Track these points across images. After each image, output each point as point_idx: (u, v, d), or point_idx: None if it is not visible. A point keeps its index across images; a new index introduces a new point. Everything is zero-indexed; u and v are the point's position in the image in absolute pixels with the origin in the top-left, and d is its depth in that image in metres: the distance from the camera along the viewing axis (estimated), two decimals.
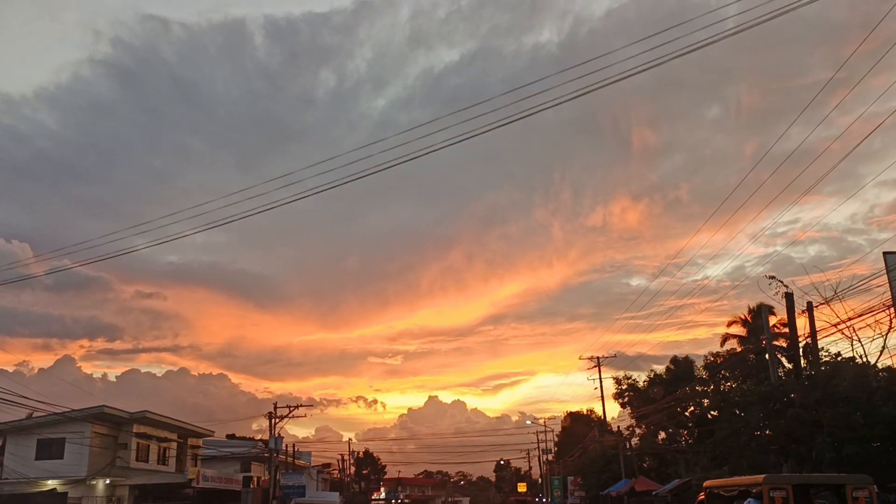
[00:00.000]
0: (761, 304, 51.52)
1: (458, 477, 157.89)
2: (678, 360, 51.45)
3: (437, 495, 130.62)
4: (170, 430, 41.77)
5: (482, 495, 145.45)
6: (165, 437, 41.22)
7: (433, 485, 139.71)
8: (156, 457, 40.43)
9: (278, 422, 46.87)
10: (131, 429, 37.63)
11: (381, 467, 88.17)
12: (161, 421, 40.03)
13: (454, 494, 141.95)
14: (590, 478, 47.18)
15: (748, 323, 49.97)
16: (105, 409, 35.76)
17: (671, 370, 51.11)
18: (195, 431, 45.32)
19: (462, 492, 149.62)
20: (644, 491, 37.27)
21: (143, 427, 38.51)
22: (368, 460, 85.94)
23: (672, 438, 51.37)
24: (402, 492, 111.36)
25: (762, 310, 50.93)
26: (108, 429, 36.85)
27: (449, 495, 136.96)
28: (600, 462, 46.35)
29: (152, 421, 38.99)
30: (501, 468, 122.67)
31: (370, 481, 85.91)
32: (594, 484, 46.29)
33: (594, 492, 46.38)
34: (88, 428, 35.08)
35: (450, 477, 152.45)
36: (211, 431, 47.33)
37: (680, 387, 48.98)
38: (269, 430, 46.77)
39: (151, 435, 39.65)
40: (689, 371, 50.65)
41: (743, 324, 50.22)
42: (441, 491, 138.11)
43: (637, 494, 37.73)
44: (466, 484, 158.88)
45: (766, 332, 27.72)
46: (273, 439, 45.59)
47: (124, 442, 37.53)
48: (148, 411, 38.44)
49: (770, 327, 50.16)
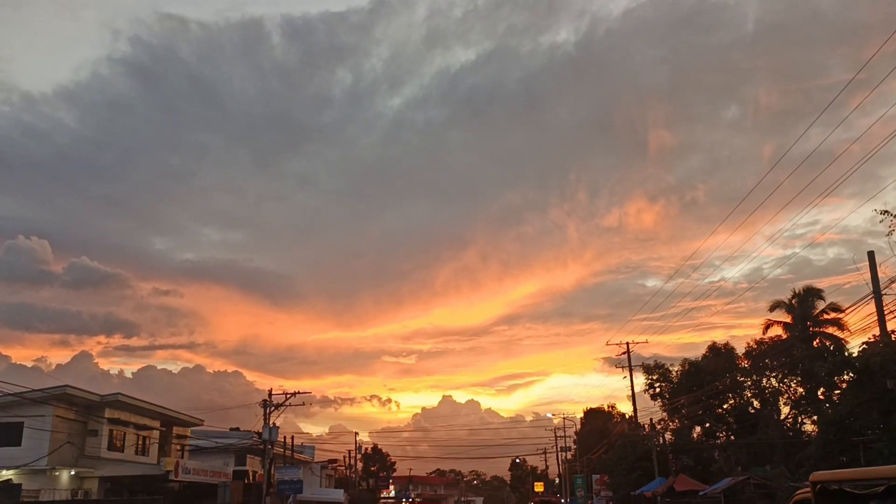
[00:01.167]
0: (808, 287, 46.67)
1: (471, 476, 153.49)
2: (717, 349, 46.35)
3: (449, 494, 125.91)
4: (150, 416, 37.44)
5: (496, 495, 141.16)
6: (145, 425, 36.89)
7: (446, 483, 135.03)
8: (133, 446, 36.12)
9: (273, 410, 42.37)
10: (103, 414, 33.29)
11: (391, 464, 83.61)
12: (138, 406, 35.69)
13: (467, 494, 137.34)
14: (618, 476, 42.29)
15: (793, 308, 44.98)
16: (69, 389, 31.43)
17: (708, 359, 46.08)
18: (181, 420, 40.99)
19: (476, 491, 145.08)
20: (686, 491, 32.34)
21: (117, 412, 34.17)
22: (377, 456, 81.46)
23: (710, 434, 46.32)
24: (414, 490, 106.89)
25: (809, 293, 46.33)
26: (75, 413, 32.51)
27: (462, 494, 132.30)
28: (630, 459, 41.46)
29: (127, 405, 34.66)
30: (517, 467, 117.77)
31: (379, 479, 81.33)
32: (624, 482, 41.41)
33: (624, 491, 41.50)
34: (51, 411, 30.75)
35: (463, 476, 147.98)
36: (200, 420, 42.94)
37: (717, 378, 44.04)
38: (263, 419, 42.32)
39: (128, 421, 35.31)
40: (729, 361, 45.58)
41: (787, 309, 45.23)
42: (454, 490, 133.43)
43: (677, 495, 32.81)
44: (480, 483, 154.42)
45: (874, 281, 22.31)
46: (267, 429, 41.07)
47: (94, 428, 33.23)
48: (121, 394, 34.15)
49: (817, 314, 45.51)
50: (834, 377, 41.74)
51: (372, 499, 73.62)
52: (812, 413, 42.99)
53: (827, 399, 42.21)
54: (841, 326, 41.81)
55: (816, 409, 42.20)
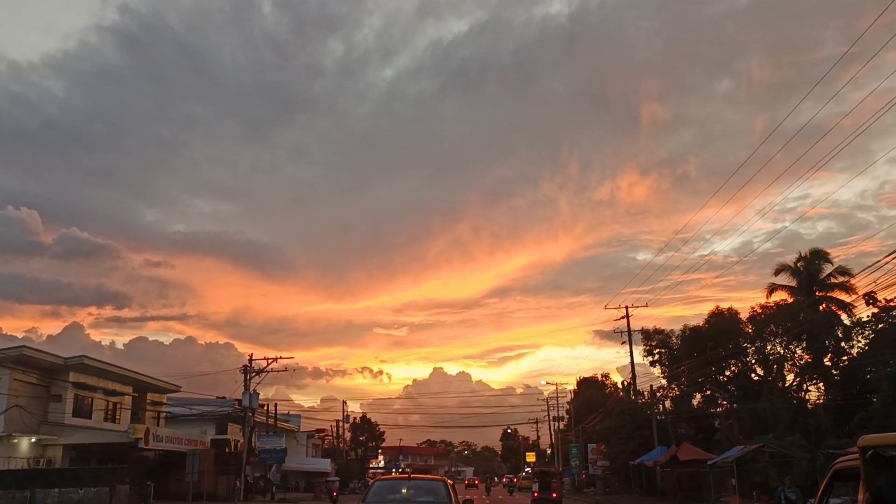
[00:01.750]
0: (815, 250, 44.53)
1: (462, 447, 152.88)
2: (720, 314, 44.22)
3: (440, 465, 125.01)
4: (121, 381, 35.13)
5: (487, 465, 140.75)
6: (115, 391, 34.56)
7: (436, 454, 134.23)
8: (102, 413, 33.83)
9: (254, 376, 40.15)
10: (67, 378, 30.94)
11: (380, 434, 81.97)
12: (106, 370, 33.34)
13: (457, 464, 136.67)
14: (616, 445, 40.41)
15: (799, 272, 42.93)
16: (27, 350, 29.08)
17: (710, 324, 44.01)
18: (156, 386, 38.72)
19: (466, 462, 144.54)
20: (691, 460, 30.39)
21: (83, 376, 31.83)
22: (366, 426, 79.70)
23: (710, 402, 44.47)
24: (404, 461, 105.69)
25: (816, 256, 44.21)
26: (37, 377, 30.13)
27: (452, 465, 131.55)
28: (629, 427, 39.54)
29: (94, 369, 32.31)
30: (508, 437, 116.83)
31: (367, 449, 79.71)
32: (622, 452, 39.55)
33: (622, 461, 39.67)
34: (7, 374, 28.34)
35: (453, 446, 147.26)
36: (176, 387, 40.65)
37: (719, 344, 42.07)
38: (244, 385, 40.09)
39: (95, 386, 32.99)
40: (732, 326, 43.50)
41: (792, 273, 43.18)
42: (444, 461, 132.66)
43: (681, 464, 30.87)
44: (471, 454, 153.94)
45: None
46: (247, 396, 38.90)
47: (58, 393, 30.91)
48: (86, 357, 31.75)
49: (824, 277, 43.44)
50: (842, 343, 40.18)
51: (361, 469, 71.99)
52: (819, 380, 41.29)
53: (835, 366, 40.51)
54: (849, 290, 40.00)
55: (823, 375, 40.49)
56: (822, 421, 37.72)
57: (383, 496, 9.75)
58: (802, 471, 22.86)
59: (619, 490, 44.09)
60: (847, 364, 39.22)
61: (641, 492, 38.67)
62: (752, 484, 27.78)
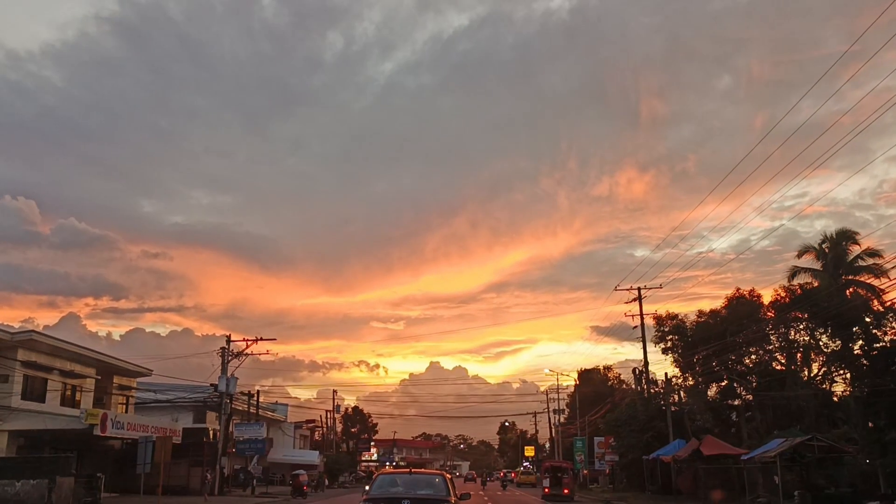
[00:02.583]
0: (842, 230, 41.16)
1: (457, 440, 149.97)
2: (741, 298, 40.77)
3: (435, 458, 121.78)
4: (81, 362, 31.59)
5: (483, 460, 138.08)
6: (74, 372, 31.02)
7: (431, 447, 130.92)
8: (59, 396, 30.32)
9: (232, 359, 36.67)
10: (15, 356, 27.37)
11: (373, 425, 78.55)
12: (63, 349, 29.80)
13: (453, 458, 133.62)
14: (627, 438, 36.98)
15: (824, 254, 39.65)
16: None
17: (731, 307, 40.60)
18: (123, 369, 35.20)
19: (462, 455, 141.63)
20: (718, 455, 26.97)
21: (34, 354, 28.28)
22: (358, 417, 76.28)
23: (728, 392, 41.04)
24: (398, 454, 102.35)
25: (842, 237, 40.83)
26: None
27: (448, 458, 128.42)
28: (641, 419, 36.18)
29: (47, 346, 28.77)
30: (506, 430, 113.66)
31: (360, 441, 76.24)
32: (634, 445, 36.14)
33: (634, 455, 36.24)
34: None
35: (449, 440, 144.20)
36: (147, 370, 37.04)
37: (740, 330, 38.73)
38: (221, 368, 36.59)
39: (50, 367, 29.45)
40: (753, 311, 40.11)
41: (817, 255, 39.91)
42: (440, 454, 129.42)
43: (706, 459, 27.46)
44: (467, 447, 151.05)
45: None
46: (224, 380, 35.41)
47: (4, 373, 27.34)
48: (36, 332, 28.35)
49: (851, 260, 40.12)
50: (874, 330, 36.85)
51: (351, 461, 68.58)
52: (846, 370, 38.09)
53: (865, 355, 37.25)
54: (878, 273, 36.93)
55: (852, 365, 37.28)
56: (851, 413, 34.66)
57: (386, 489, 10.34)
58: (857, 469, 19.61)
59: (627, 487, 40.73)
60: (878, 353, 36.16)
61: (654, 489, 35.29)
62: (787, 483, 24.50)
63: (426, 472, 12.50)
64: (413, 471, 11.96)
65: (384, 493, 10.12)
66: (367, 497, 10.01)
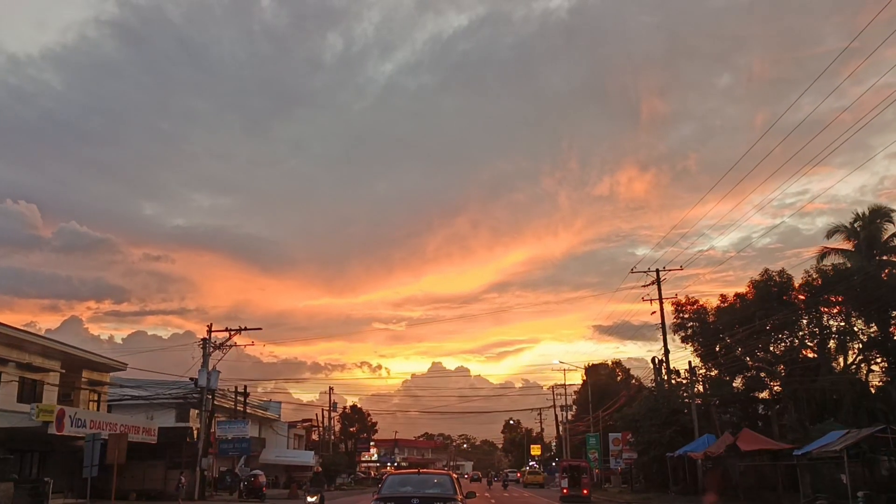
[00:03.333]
0: (876, 208, 38.04)
1: (460, 440, 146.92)
2: (769, 280, 37.30)
3: (437, 459, 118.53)
4: (43, 355, 28.39)
5: (486, 459, 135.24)
6: (33, 365, 27.80)
7: (434, 447, 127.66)
8: (16, 392, 27.11)
9: (214, 350, 33.47)
10: None
11: (372, 424, 75.29)
12: (20, 339, 26.59)
13: (457, 458, 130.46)
14: (647, 433, 33.74)
15: (856, 233, 36.53)
16: None
17: (758, 290, 37.31)
18: (94, 363, 32.00)
19: (465, 455, 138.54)
20: (756, 451, 23.75)
21: None
22: (357, 416, 73.05)
23: (755, 383, 37.78)
24: (400, 454, 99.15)
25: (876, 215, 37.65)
26: None
27: (451, 458, 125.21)
28: (664, 412, 32.96)
29: (2, 336, 25.52)
30: (510, 428, 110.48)
31: (358, 440, 72.97)
32: (655, 441, 32.90)
33: (657, 451, 32.99)
34: None
35: (452, 440, 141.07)
36: (122, 365, 33.85)
37: (768, 315, 35.48)
38: (202, 360, 33.38)
39: (5, 359, 26.24)
40: (781, 293, 36.82)
41: (848, 234, 36.80)
42: (443, 454, 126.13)
43: (744, 456, 24.22)
44: (470, 447, 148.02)
45: None
46: (204, 374, 32.21)
47: None
48: None
49: (886, 239, 36.99)
50: None
51: (349, 462, 65.33)
52: (885, 358, 34.96)
53: None
54: None
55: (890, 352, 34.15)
56: (893, 404, 31.57)
57: (396, 488, 10.75)
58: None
59: (646, 486, 37.50)
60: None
61: (678, 489, 32.08)
62: (834, 481, 21.38)
63: (434, 471, 13.12)
64: (421, 471, 12.51)
65: (394, 492, 10.47)
66: (378, 496, 10.36)
